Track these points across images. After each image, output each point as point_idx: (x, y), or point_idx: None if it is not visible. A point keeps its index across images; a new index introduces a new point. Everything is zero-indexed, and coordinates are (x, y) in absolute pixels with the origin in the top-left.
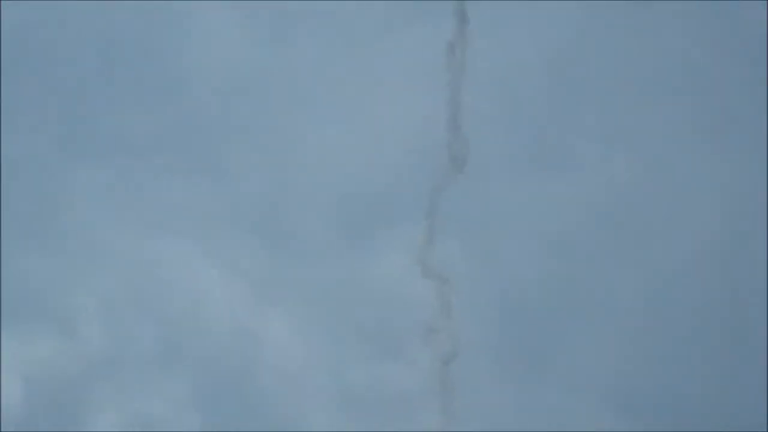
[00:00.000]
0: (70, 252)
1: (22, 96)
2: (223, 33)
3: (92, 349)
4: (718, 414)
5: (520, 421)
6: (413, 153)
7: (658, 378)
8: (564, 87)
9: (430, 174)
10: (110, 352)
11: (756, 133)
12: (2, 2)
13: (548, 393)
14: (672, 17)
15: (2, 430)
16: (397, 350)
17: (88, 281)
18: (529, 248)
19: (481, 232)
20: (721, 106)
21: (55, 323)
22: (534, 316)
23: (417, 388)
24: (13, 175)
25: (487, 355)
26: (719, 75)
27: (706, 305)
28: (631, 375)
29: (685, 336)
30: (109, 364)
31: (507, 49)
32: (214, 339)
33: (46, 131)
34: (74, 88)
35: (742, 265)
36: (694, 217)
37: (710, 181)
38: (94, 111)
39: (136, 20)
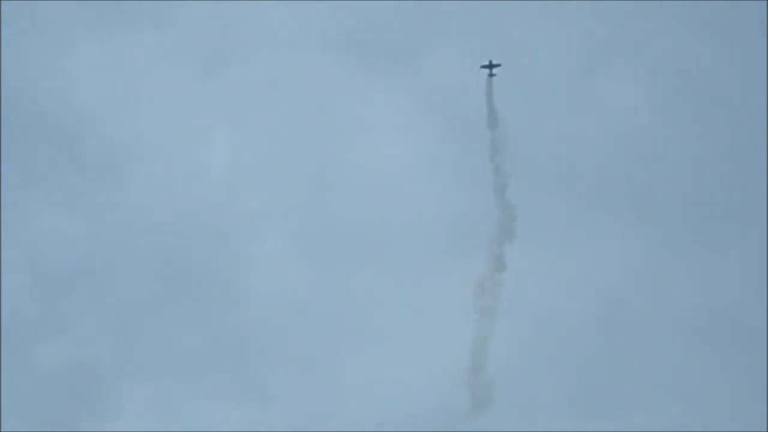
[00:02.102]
0: None
1: (80, 307)
2: (279, 263)
3: None
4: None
5: None
6: (448, 389)
7: None
8: (612, 331)
9: (455, 413)
10: None
11: None
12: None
13: None
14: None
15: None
16: None
17: None
18: None
19: None
20: None
21: None
22: None
23: None
24: (63, 381)
25: None
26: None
27: None
28: None
29: None
30: None
31: (549, 293)
32: None
33: (99, 343)
34: (130, 305)
35: None
36: None
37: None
38: (147, 328)
39: (194, 245)
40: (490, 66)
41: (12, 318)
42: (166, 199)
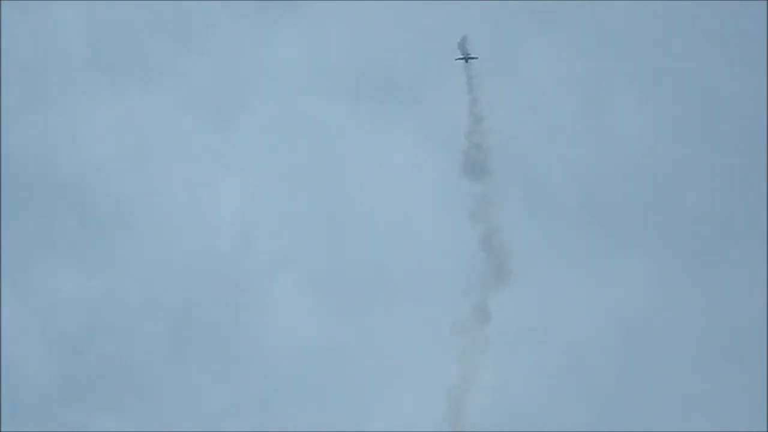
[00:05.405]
0: None
1: (94, 367)
2: (293, 310)
3: None
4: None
5: None
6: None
7: None
8: (632, 359)
9: None
10: None
11: None
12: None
13: None
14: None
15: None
16: None
17: None
18: None
19: None
20: None
21: None
22: None
23: None
24: None
25: None
26: None
27: None
28: None
29: None
30: None
31: (565, 322)
32: None
33: (116, 402)
34: (145, 362)
35: None
36: None
37: None
38: (165, 383)
39: (208, 297)
40: (466, 59)
41: (26, 382)
42: (178, 252)
